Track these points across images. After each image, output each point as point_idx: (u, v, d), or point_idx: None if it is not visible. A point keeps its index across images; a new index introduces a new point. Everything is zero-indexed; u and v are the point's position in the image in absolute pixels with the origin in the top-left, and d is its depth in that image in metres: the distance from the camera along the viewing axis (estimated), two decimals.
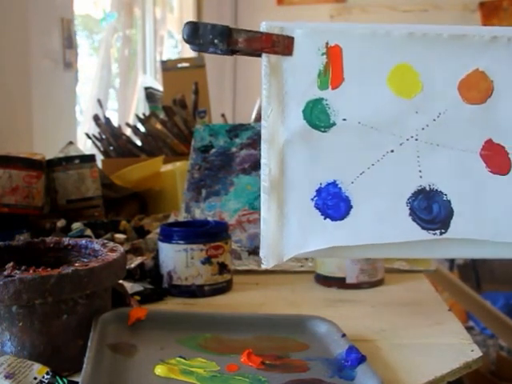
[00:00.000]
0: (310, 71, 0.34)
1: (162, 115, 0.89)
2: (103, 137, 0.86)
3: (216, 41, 0.33)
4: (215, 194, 0.55)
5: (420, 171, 0.34)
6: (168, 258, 0.44)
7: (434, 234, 0.33)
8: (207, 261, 0.44)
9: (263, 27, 0.34)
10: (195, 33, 0.34)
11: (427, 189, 0.33)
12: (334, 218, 0.33)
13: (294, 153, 0.34)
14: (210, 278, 0.44)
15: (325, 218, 0.33)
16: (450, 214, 0.33)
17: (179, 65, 1.16)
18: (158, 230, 0.49)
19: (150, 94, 1.22)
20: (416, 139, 0.34)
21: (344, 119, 0.34)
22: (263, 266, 0.33)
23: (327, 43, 0.34)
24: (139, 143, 0.87)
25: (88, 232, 0.50)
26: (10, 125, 0.84)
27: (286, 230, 0.33)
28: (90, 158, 0.61)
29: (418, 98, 0.34)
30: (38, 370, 0.27)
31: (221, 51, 0.33)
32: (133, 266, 0.45)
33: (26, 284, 0.28)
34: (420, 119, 0.34)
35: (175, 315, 0.33)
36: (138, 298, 0.41)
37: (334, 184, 0.33)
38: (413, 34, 0.34)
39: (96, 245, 0.35)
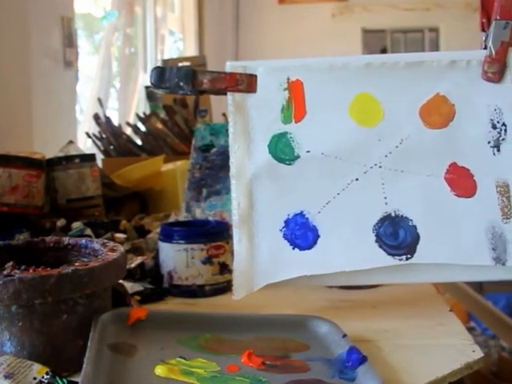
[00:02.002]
0: (274, 106, 0.35)
1: (162, 114, 0.89)
2: (103, 136, 0.86)
3: (181, 83, 0.35)
4: (216, 193, 0.55)
5: (385, 198, 0.35)
6: (168, 258, 0.44)
7: (400, 260, 0.34)
8: (208, 261, 0.44)
9: (227, 67, 0.36)
10: (161, 77, 0.35)
11: (393, 215, 0.34)
12: (302, 248, 0.34)
13: (261, 186, 0.35)
14: (210, 277, 0.44)
15: (293, 248, 0.34)
16: (416, 239, 0.34)
17: (180, 63, 1.16)
18: (158, 230, 0.49)
19: (150, 93, 1.22)
20: (380, 166, 0.35)
21: (308, 151, 0.35)
22: (233, 298, 0.35)
23: (288, 78, 0.35)
24: (140, 142, 0.87)
25: (88, 231, 0.50)
26: (10, 124, 0.84)
27: (257, 260, 0.34)
28: (91, 158, 0.60)
29: (380, 126, 0.35)
30: (38, 370, 0.27)
31: (188, 92, 0.35)
32: (133, 265, 0.45)
33: (25, 284, 0.28)
34: (383, 146, 0.35)
35: (175, 315, 0.33)
36: (138, 297, 0.41)
37: (301, 214, 0.35)
38: (370, 65, 0.35)
39: (96, 244, 0.35)
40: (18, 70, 0.89)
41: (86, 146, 1.19)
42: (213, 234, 0.44)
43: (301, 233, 0.34)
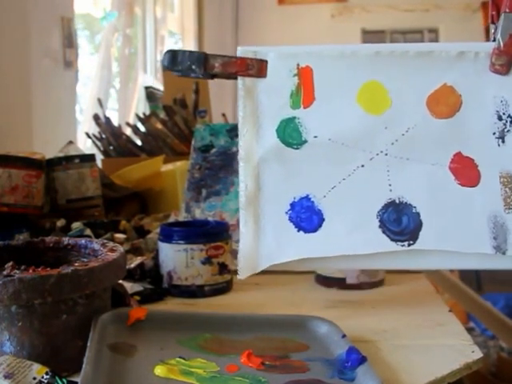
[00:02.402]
0: (283, 92, 0.35)
1: (162, 115, 0.89)
2: (103, 136, 0.86)
3: (194, 66, 0.35)
4: (216, 193, 0.55)
5: (390, 185, 0.35)
6: (168, 258, 0.44)
7: (403, 246, 0.34)
8: (207, 261, 0.44)
9: (238, 52, 0.36)
10: (174, 60, 0.36)
11: (397, 201, 0.35)
12: (306, 231, 0.35)
13: (268, 169, 0.35)
14: (210, 278, 0.44)
15: (298, 231, 0.35)
16: (418, 225, 0.34)
17: None
18: (158, 230, 0.49)
19: (150, 94, 1.22)
20: (386, 154, 0.35)
21: (315, 136, 0.35)
22: (238, 277, 0.35)
23: (298, 65, 0.35)
24: (139, 143, 0.87)
25: (88, 232, 0.50)
26: (10, 124, 0.84)
27: (262, 242, 0.35)
28: (90, 158, 0.60)
29: (387, 113, 0.35)
30: (38, 370, 0.27)
31: (200, 75, 0.35)
32: (133, 265, 0.45)
33: (25, 284, 0.28)
34: (389, 134, 0.35)
35: (175, 315, 0.33)
36: (137, 298, 0.41)
37: (307, 198, 0.35)
38: (379, 53, 0.35)
39: (96, 244, 0.35)
40: (18, 70, 0.89)
41: (85, 146, 1.19)
42: (212, 235, 0.44)
43: (306, 216, 0.35)
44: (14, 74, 0.87)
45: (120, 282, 0.36)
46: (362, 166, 0.35)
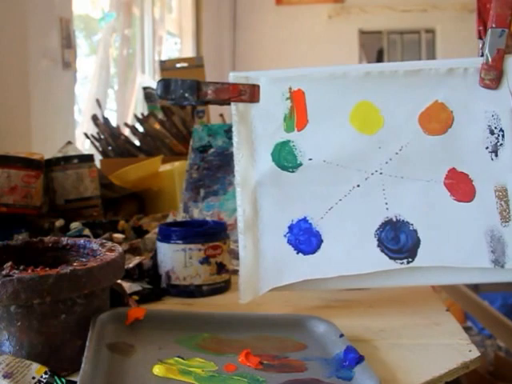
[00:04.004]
0: (277, 115, 0.36)
1: (160, 115, 0.89)
2: (102, 137, 0.86)
3: (187, 94, 0.36)
4: (214, 193, 0.55)
5: (386, 203, 0.35)
6: (166, 258, 0.44)
7: (402, 263, 0.35)
8: (205, 261, 0.44)
9: (230, 78, 0.36)
10: (167, 89, 0.36)
11: (394, 220, 0.35)
12: (306, 253, 0.35)
13: (265, 193, 0.36)
14: (208, 277, 0.44)
15: (297, 253, 0.35)
16: (416, 242, 0.35)
17: (178, 64, 1.16)
18: (156, 230, 0.49)
19: (148, 94, 1.22)
20: (381, 173, 0.35)
21: (310, 159, 0.36)
22: (240, 302, 0.35)
23: (290, 88, 0.36)
24: (138, 143, 0.87)
25: (86, 232, 0.50)
26: (9, 124, 0.84)
27: (262, 265, 0.35)
28: (89, 158, 0.60)
29: (379, 133, 0.35)
30: (37, 370, 0.27)
31: (194, 103, 0.36)
32: (131, 265, 0.45)
33: (24, 284, 0.28)
34: (383, 153, 0.35)
35: (173, 315, 0.33)
36: (136, 297, 0.41)
37: (304, 220, 0.35)
38: (369, 73, 0.35)
39: (94, 244, 0.35)
40: (16, 70, 0.89)
41: (84, 146, 1.19)
42: (210, 234, 0.44)
43: (304, 238, 0.35)
44: (13, 74, 0.87)
45: (119, 281, 0.36)
46: (358, 185, 0.35)
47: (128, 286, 0.41)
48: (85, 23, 1.60)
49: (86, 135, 0.90)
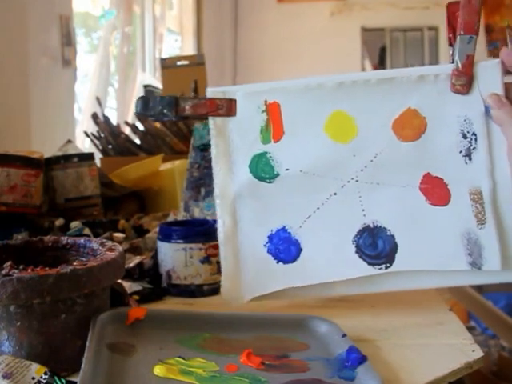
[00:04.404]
0: (253, 128, 0.37)
1: None
2: (102, 135, 0.85)
3: (165, 111, 0.37)
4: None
5: (363, 210, 0.36)
6: (167, 258, 0.44)
7: (380, 269, 0.35)
8: (206, 260, 0.43)
9: (208, 93, 0.37)
10: (146, 106, 0.37)
11: (371, 226, 0.36)
12: (286, 261, 0.36)
13: (244, 205, 0.36)
14: (209, 277, 0.44)
15: (277, 262, 0.36)
16: (394, 248, 0.35)
17: (178, 62, 1.15)
18: (156, 229, 0.49)
19: (148, 92, 1.22)
20: (356, 180, 0.36)
21: (287, 169, 0.36)
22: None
23: (266, 101, 0.36)
24: (138, 142, 0.87)
25: (86, 231, 0.50)
26: (8, 123, 0.84)
27: (243, 276, 0.36)
28: (89, 157, 0.60)
29: (354, 141, 0.36)
30: (36, 370, 0.27)
31: (173, 118, 0.37)
32: (132, 265, 0.45)
33: (24, 283, 0.28)
34: (358, 161, 0.36)
35: (174, 315, 0.33)
36: (136, 297, 0.41)
37: (283, 229, 0.36)
38: (343, 83, 0.36)
39: (94, 244, 0.34)
40: (16, 68, 0.89)
41: (84, 145, 1.19)
42: (211, 234, 0.44)
43: (284, 247, 0.36)
44: (13, 72, 0.87)
45: (119, 281, 0.35)
46: (335, 194, 0.36)
47: (128, 286, 0.41)
48: (85, 21, 1.60)
49: (86, 134, 0.90)
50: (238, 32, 2.78)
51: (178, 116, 0.37)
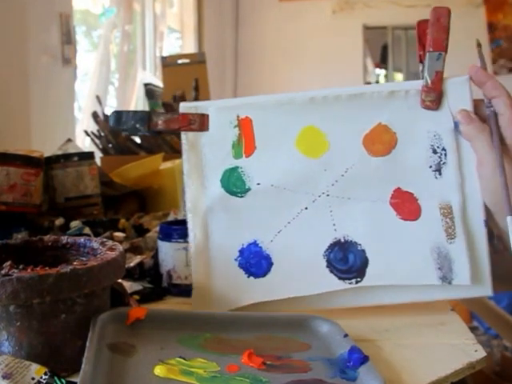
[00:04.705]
0: (225, 143, 0.37)
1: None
2: (102, 134, 0.85)
3: (138, 125, 0.37)
4: None
5: (334, 224, 0.36)
6: (167, 257, 0.44)
7: (351, 283, 0.35)
8: None
9: (181, 108, 0.38)
10: (119, 120, 0.37)
11: (342, 240, 0.36)
12: (256, 276, 0.36)
13: (215, 219, 0.37)
14: None
15: (248, 276, 0.36)
16: (365, 262, 0.36)
17: (179, 61, 1.15)
18: (157, 229, 0.48)
19: (149, 91, 1.21)
20: (327, 195, 0.36)
21: (258, 183, 0.36)
22: None
23: (238, 116, 0.37)
24: (138, 140, 0.87)
25: (87, 230, 0.50)
26: (8, 122, 0.83)
27: (214, 289, 0.36)
28: (89, 156, 0.60)
29: (325, 156, 0.36)
30: (36, 371, 0.27)
31: (146, 133, 0.37)
32: (132, 264, 0.45)
33: (23, 283, 0.27)
34: (329, 176, 0.36)
35: (175, 315, 0.33)
36: (137, 297, 0.40)
37: (254, 244, 0.36)
38: (313, 99, 0.36)
39: (95, 243, 0.34)
40: (15, 67, 0.88)
41: (84, 144, 1.19)
42: None
43: (255, 261, 0.36)
44: (12, 71, 0.87)
45: (119, 281, 0.35)
46: (306, 208, 0.36)
47: (129, 286, 0.41)
48: (85, 19, 1.59)
49: (86, 132, 0.90)
50: (239, 30, 2.77)
51: (150, 131, 0.37)
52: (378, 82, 2.95)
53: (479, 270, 0.35)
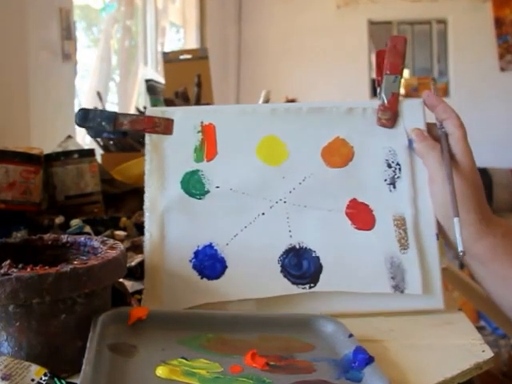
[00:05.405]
0: (188, 147, 0.38)
1: None
2: None
3: (104, 123, 0.38)
4: None
5: (290, 231, 0.37)
6: None
7: (304, 288, 0.36)
8: None
9: (147, 112, 0.39)
10: (86, 117, 0.38)
11: (297, 247, 0.37)
12: (210, 278, 0.36)
13: (172, 219, 0.37)
14: None
15: (201, 278, 0.36)
16: (318, 269, 0.36)
17: (181, 56, 1.14)
18: None
19: (151, 87, 1.21)
20: (284, 202, 0.37)
21: (217, 187, 0.37)
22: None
23: (202, 122, 0.38)
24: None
25: (87, 229, 0.49)
26: (7, 118, 0.83)
27: (166, 289, 0.36)
28: (90, 153, 0.60)
29: (284, 164, 0.38)
30: (36, 371, 0.27)
31: (112, 133, 0.39)
32: (133, 264, 0.44)
33: (23, 283, 0.27)
34: (287, 183, 0.37)
35: (177, 315, 0.33)
36: (138, 297, 0.40)
37: (210, 246, 0.37)
38: (275, 110, 0.39)
39: (95, 242, 0.34)
40: (15, 63, 0.88)
41: (84, 141, 1.18)
42: None
43: (209, 264, 0.36)
44: (12, 67, 0.86)
45: (120, 280, 0.35)
46: (263, 213, 0.37)
47: (130, 285, 0.40)
48: (85, 14, 1.58)
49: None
50: (242, 25, 2.75)
51: (115, 130, 0.38)
52: None
53: (430, 281, 0.36)
